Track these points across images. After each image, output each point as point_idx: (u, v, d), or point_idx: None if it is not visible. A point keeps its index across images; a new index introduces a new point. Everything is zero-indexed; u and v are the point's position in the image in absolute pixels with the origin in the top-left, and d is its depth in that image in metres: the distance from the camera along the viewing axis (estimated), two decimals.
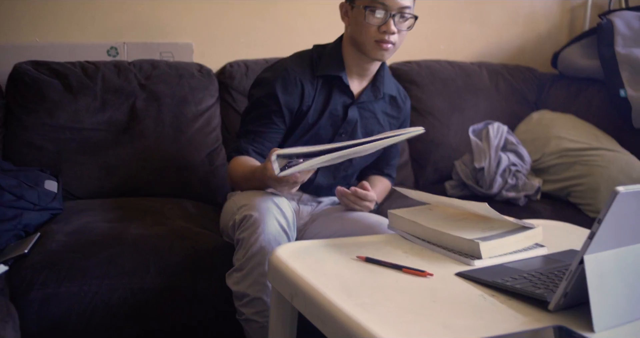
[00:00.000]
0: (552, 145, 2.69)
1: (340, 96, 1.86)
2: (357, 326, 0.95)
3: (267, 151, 1.71)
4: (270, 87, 1.81)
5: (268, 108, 1.82)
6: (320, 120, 1.84)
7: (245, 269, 1.58)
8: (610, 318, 0.96)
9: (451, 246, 1.35)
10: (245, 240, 1.58)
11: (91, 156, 2.27)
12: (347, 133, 1.87)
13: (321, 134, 1.86)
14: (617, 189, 0.89)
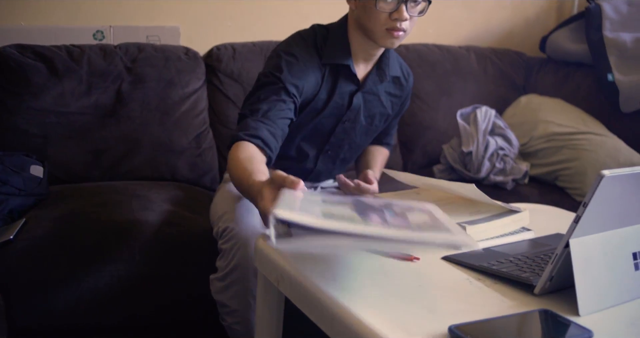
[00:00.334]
0: (540, 129, 2.69)
1: (347, 84, 1.77)
2: (342, 311, 0.94)
3: (279, 132, 1.57)
4: (278, 72, 1.63)
5: (278, 91, 1.61)
6: (325, 110, 1.76)
7: (226, 281, 1.55)
8: (595, 302, 0.96)
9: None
10: (227, 251, 1.54)
11: (77, 140, 2.25)
12: (350, 120, 1.82)
13: (324, 124, 1.79)
14: (602, 173, 0.88)
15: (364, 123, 1.84)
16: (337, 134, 1.82)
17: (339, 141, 1.84)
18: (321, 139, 1.82)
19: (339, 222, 0.84)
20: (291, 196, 0.97)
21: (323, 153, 1.85)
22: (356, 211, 0.95)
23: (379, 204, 1.06)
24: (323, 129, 1.80)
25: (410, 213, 1.04)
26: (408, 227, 0.91)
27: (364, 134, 1.88)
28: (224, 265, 1.54)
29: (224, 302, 1.58)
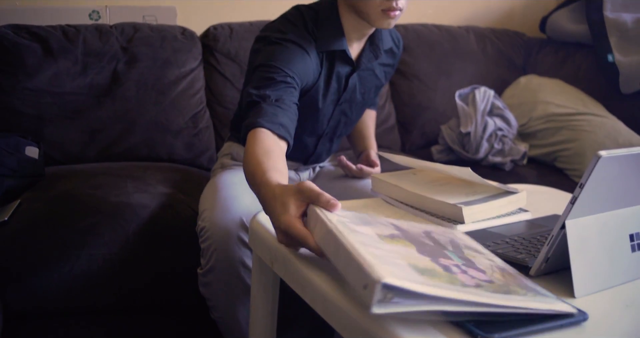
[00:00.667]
0: (539, 110, 2.68)
1: (343, 67, 1.70)
2: (335, 292, 0.93)
3: (295, 117, 1.48)
4: (279, 62, 1.52)
5: (284, 78, 1.50)
6: (324, 98, 1.70)
7: (208, 277, 1.55)
8: (591, 284, 0.95)
9: (434, 211, 1.34)
10: (205, 251, 1.52)
11: (73, 120, 2.24)
12: (347, 100, 1.77)
13: (324, 113, 1.75)
14: (599, 154, 0.87)
15: (360, 100, 1.81)
16: (334, 117, 1.79)
17: (336, 122, 1.82)
18: (320, 127, 1.79)
19: (453, 291, 0.78)
20: (354, 236, 0.88)
21: (322, 137, 1.84)
22: (429, 257, 0.90)
23: (424, 236, 1.04)
24: (323, 118, 1.77)
25: (469, 252, 1.02)
26: (504, 286, 0.88)
27: (359, 110, 1.86)
28: (204, 264, 1.54)
29: (209, 297, 1.58)
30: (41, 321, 1.67)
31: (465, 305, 0.77)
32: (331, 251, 0.90)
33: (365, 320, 0.83)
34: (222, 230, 1.49)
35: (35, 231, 1.64)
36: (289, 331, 1.88)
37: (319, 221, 0.96)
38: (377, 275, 0.74)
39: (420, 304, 0.75)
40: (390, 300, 0.74)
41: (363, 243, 0.86)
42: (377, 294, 0.73)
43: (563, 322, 0.82)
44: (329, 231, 0.91)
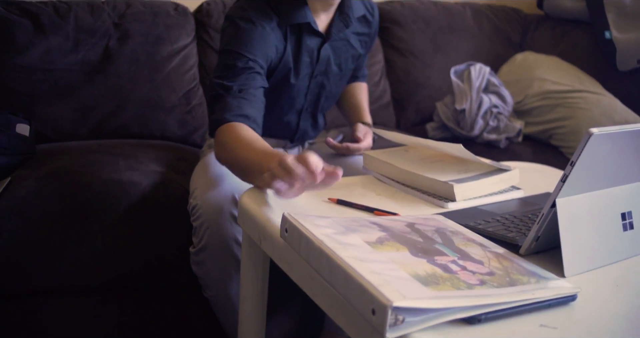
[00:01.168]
0: (535, 87, 2.66)
1: (311, 39, 1.67)
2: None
3: (261, 105, 1.52)
4: (239, 46, 1.53)
5: (246, 64, 1.52)
6: (296, 73, 1.69)
7: (200, 256, 1.54)
8: (581, 263, 0.94)
9: (425, 189, 1.33)
10: (197, 229, 1.52)
11: (64, 97, 2.22)
12: (322, 73, 1.75)
13: (299, 88, 1.73)
14: (590, 131, 0.86)
15: (337, 71, 1.79)
16: (311, 91, 1.78)
17: (315, 96, 1.80)
18: (298, 102, 1.78)
19: (463, 298, 0.76)
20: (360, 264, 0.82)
21: (303, 112, 1.82)
22: (425, 258, 0.88)
23: (410, 232, 1.02)
24: (299, 93, 1.75)
25: (458, 241, 1.00)
26: (505, 276, 0.87)
27: (337, 81, 1.83)
28: (197, 242, 1.53)
29: (201, 275, 1.58)
30: (30, 301, 1.66)
31: (476, 309, 0.76)
32: (324, 270, 0.87)
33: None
34: (214, 207, 1.47)
35: (26, 209, 1.63)
36: (280, 310, 1.88)
37: (302, 237, 0.93)
38: (386, 298, 0.71)
39: (432, 319, 0.73)
40: (402, 322, 0.71)
41: (357, 258, 0.83)
42: (389, 319, 0.71)
43: (551, 301, 0.81)
44: (319, 249, 0.88)
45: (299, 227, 0.95)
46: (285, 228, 1.00)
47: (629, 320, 0.80)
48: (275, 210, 1.16)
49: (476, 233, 1.06)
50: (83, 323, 1.71)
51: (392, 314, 0.70)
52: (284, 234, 1.00)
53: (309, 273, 0.94)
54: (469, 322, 0.76)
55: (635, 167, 1.02)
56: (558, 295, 0.82)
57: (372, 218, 1.08)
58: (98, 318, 1.73)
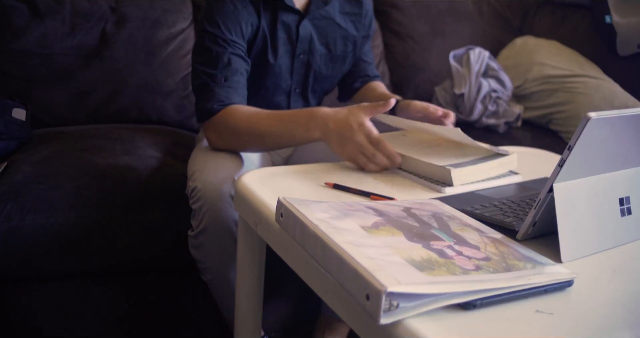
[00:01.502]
0: (535, 72, 2.65)
1: (287, 15, 1.66)
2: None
3: (245, 90, 1.58)
4: (215, 28, 1.55)
5: (224, 48, 1.55)
6: (274, 50, 1.68)
7: (199, 239, 1.52)
8: (578, 249, 0.94)
9: (422, 173, 1.32)
10: (197, 212, 1.49)
11: (61, 82, 2.21)
12: (305, 52, 1.73)
13: (280, 66, 1.72)
14: (588, 115, 0.85)
15: (324, 51, 1.77)
16: (297, 70, 1.76)
17: (302, 76, 1.79)
18: (284, 82, 1.76)
19: (458, 284, 0.75)
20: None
21: (292, 93, 1.80)
22: (420, 243, 0.87)
23: (406, 216, 1.01)
24: (282, 73, 1.73)
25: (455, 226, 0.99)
26: (502, 261, 0.86)
27: (328, 63, 1.81)
28: (196, 225, 1.51)
29: (200, 259, 1.57)
30: (28, 285, 1.66)
31: (472, 294, 0.75)
32: (318, 255, 0.86)
33: None
34: (214, 189, 1.46)
35: (21, 193, 1.62)
36: (277, 295, 1.88)
37: (298, 222, 0.93)
38: (380, 283, 0.70)
39: (426, 304, 0.73)
40: (397, 307, 0.71)
41: (352, 243, 0.83)
42: (383, 304, 0.70)
43: (548, 287, 0.81)
44: (313, 234, 0.87)
45: (294, 212, 0.94)
46: (281, 212, 0.99)
47: (626, 306, 0.79)
48: (271, 195, 1.15)
49: (473, 218, 1.05)
50: (80, 308, 1.71)
51: (386, 299, 0.70)
52: (279, 218, 0.99)
53: (304, 258, 0.93)
54: (464, 308, 0.75)
55: (633, 152, 1.01)
56: (554, 281, 0.81)
57: (368, 202, 1.07)
58: (95, 303, 1.72)
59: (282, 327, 1.98)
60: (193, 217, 1.52)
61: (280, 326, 1.95)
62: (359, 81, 1.96)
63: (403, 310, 0.71)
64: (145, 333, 1.78)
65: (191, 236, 1.55)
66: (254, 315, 1.41)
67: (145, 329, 1.78)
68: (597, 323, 0.75)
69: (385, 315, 0.70)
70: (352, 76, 1.96)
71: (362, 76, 1.96)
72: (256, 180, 1.24)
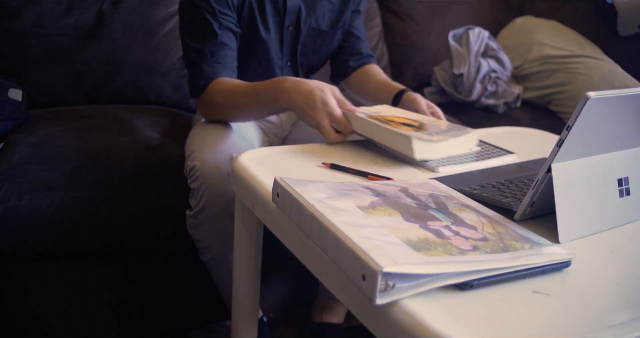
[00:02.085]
0: (535, 52, 2.63)
1: None
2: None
3: (235, 62, 1.62)
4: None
5: (212, 20, 1.56)
6: (266, 24, 1.68)
7: (198, 218, 1.52)
8: (576, 229, 0.93)
9: (389, 145, 1.31)
10: (196, 191, 1.49)
11: (58, 62, 2.19)
12: (293, 24, 1.72)
13: (271, 38, 1.71)
14: (587, 95, 0.84)
15: (313, 25, 1.76)
16: (286, 44, 1.75)
17: (291, 49, 1.78)
18: (275, 55, 1.75)
19: (454, 264, 0.74)
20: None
21: (284, 67, 1.80)
22: (417, 223, 0.87)
23: (403, 196, 1.00)
24: (272, 45, 1.73)
25: (452, 206, 0.98)
26: (499, 242, 0.86)
27: (316, 38, 1.79)
28: (195, 204, 1.51)
29: (199, 238, 1.56)
30: (24, 265, 1.65)
31: (468, 274, 0.75)
32: (315, 235, 0.86)
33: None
34: (214, 167, 1.46)
35: (17, 174, 1.61)
36: (275, 275, 1.88)
37: (294, 202, 0.92)
38: (376, 264, 0.70)
39: (422, 284, 0.72)
40: (393, 287, 0.70)
41: (349, 223, 0.82)
42: (379, 284, 0.69)
43: (545, 267, 0.80)
44: (310, 214, 0.87)
45: (290, 191, 0.94)
46: (277, 192, 0.98)
47: (624, 287, 0.79)
48: (268, 175, 1.15)
49: (471, 198, 1.05)
50: (77, 289, 1.71)
51: (382, 280, 0.69)
52: (276, 198, 0.99)
53: (300, 238, 0.93)
54: (461, 288, 0.75)
55: (632, 132, 1.00)
56: (552, 262, 0.81)
57: (365, 182, 1.07)
58: (91, 284, 1.72)
59: (280, 307, 1.99)
60: (192, 196, 1.51)
61: (278, 306, 1.96)
62: (353, 59, 1.92)
63: (399, 291, 0.71)
64: (142, 314, 1.78)
65: (189, 215, 1.54)
66: (252, 296, 1.41)
67: (143, 310, 1.78)
68: (595, 304, 0.74)
69: (381, 295, 0.70)
70: (344, 52, 1.92)
71: (356, 54, 1.92)
72: (253, 160, 1.23)
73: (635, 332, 0.68)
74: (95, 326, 1.75)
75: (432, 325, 0.67)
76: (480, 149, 1.42)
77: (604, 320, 0.71)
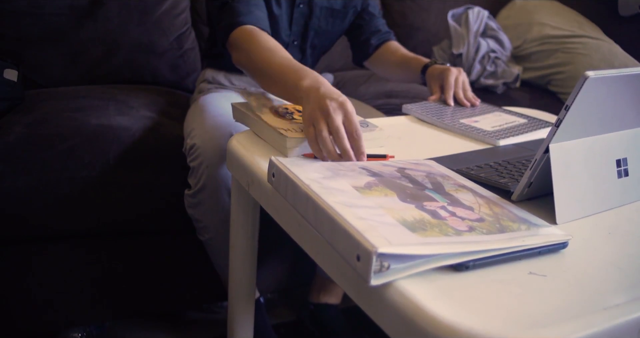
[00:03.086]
0: (534, 32, 2.61)
1: None
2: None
3: (266, 11, 1.55)
4: None
5: None
6: (281, 6, 1.68)
7: (197, 197, 1.51)
8: (573, 210, 0.93)
9: (268, 140, 1.22)
10: (195, 170, 1.49)
11: (54, 42, 2.17)
12: (304, 2, 1.72)
13: (282, 13, 1.70)
14: (586, 74, 0.83)
15: (326, 4, 1.75)
16: (296, 21, 1.74)
17: (301, 28, 1.76)
18: (283, 32, 1.74)
19: (450, 245, 0.74)
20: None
21: (290, 45, 1.78)
22: (413, 204, 0.86)
23: (400, 176, 0.99)
24: (282, 23, 1.71)
25: (449, 187, 0.97)
26: (495, 222, 0.85)
27: (328, 17, 1.79)
28: (194, 183, 1.50)
29: (198, 218, 1.56)
30: (21, 246, 1.65)
31: (464, 255, 0.74)
32: (310, 216, 0.85)
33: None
34: (214, 145, 1.45)
35: (13, 154, 1.60)
36: (272, 256, 1.88)
37: (289, 182, 0.91)
38: (371, 244, 0.69)
39: (418, 265, 0.72)
40: (388, 268, 0.70)
41: (344, 203, 0.81)
42: (374, 265, 0.69)
43: (541, 249, 0.80)
44: (305, 194, 0.86)
45: (285, 172, 0.93)
46: (273, 172, 0.98)
47: (621, 268, 0.78)
48: (264, 155, 1.14)
49: (468, 178, 1.04)
50: (74, 269, 1.71)
51: (377, 261, 0.68)
52: (271, 179, 0.98)
53: (296, 218, 0.92)
54: (456, 269, 0.74)
55: (631, 112, 0.99)
56: (548, 243, 0.80)
57: (361, 162, 1.06)
58: (89, 264, 1.72)
59: (278, 288, 1.99)
60: (191, 175, 1.51)
61: (276, 287, 1.95)
62: (374, 37, 1.90)
63: (394, 272, 0.70)
64: (138, 294, 1.78)
65: (188, 195, 1.54)
66: (248, 276, 1.41)
67: (139, 291, 1.78)
68: (591, 285, 0.74)
69: (375, 276, 0.69)
70: (362, 32, 1.90)
71: (375, 32, 1.90)
72: (249, 140, 1.22)
73: (632, 314, 0.68)
74: (91, 306, 1.75)
75: (427, 306, 0.67)
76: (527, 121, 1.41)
77: (600, 301, 0.70)
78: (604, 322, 0.66)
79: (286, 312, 2.04)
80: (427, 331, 0.64)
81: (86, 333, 1.82)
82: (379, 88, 2.29)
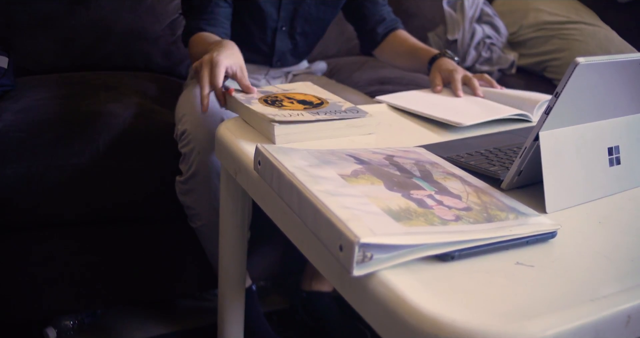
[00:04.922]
0: (531, 18, 2.59)
1: None
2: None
3: (222, 25, 1.61)
4: None
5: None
6: None
7: (188, 184, 1.50)
8: (563, 199, 0.91)
9: (258, 128, 1.21)
10: (187, 156, 1.47)
11: (44, 28, 2.16)
12: None
13: (270, 1, 1.70)
14: (576, 60, 0.81)
15: None
16: (285, 7, 1.73)
17: (290, 13, 1.75)
18: (270, 17, 1.73)
19: (435, 234, 0.72)
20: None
21: (278, 31, 1.77)
22: (399, 192, 0.84)
23: (388, 164, 0.97)
24: (270, 7, 1.70)
25: (437, 175, 0.96)
26: (483, 211, 0.83)
27: (320, 4, 1.77)
28: (185, 170, 1.49)
29: (189, 205, 1.54)
30: (11, 234, 1.64)
31: (449, 245, 0.73)
32: (294, 204, 0.84)
33: None
34: (205, 131, 1.44)
35: (3, 142, 1.58)
36: (264, 243, 1.87)
37: (275, 170, 0.90)
38: (353, 234, 0.68)
39: (402, 255, 0.70)
40: (371, 258, 0.68)
41: (329, 192, 0.80)
42: (356, 255, 0.67)
43: (530, 238, 0.78)
44: (289, 182, 0.85)
45: (271, 159, 0.92)
46: (259, 160, 0.96)
47: (610, 259, 0.77)
48: (251, 142, 1.12)
49: (457, 166, 1.03)
50: (63, 257, 1.69)
51: (359, 251, 0.67)
52: (257, 167, 0.97)
53: (281, 207, 0.91)
54: (441, 259, 0.73)
55: (623, 100, 0.98)
56: (537, 232, 0.79)
57: (350, 150, 1.04)
58: (79, 252, 1.71)
59: (270, 276, 1.98)
60: (182, 162, 1.50)
61: (268, 275, 1.95)
62: (380, 26, 1.87)
63: (377, 262, 0.69)
64: (129, 282, 1.77)
65: (180, 181, 1.52)
66: (238, 264, 1.40)
67: (129, 278, 1.77)
68: (579, 276, 0.73)
69: (358, 266, 0.68)
70: (368, 21, 1.87)
71: (380, 20, 1.87)
72: (238, 127, 1.21)
73: (620, 305, 0.67)
74: (81, 295, 1.74)
75: (411, 298, 0.65)
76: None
77: (588, 292, 0.69)
78: (591, 314, 0.65)
79: (278, 300, 2.03)
80: (409, 323, 0.63)
81: (78, 321, 1.82)
82: (373, 75, 2.27)
